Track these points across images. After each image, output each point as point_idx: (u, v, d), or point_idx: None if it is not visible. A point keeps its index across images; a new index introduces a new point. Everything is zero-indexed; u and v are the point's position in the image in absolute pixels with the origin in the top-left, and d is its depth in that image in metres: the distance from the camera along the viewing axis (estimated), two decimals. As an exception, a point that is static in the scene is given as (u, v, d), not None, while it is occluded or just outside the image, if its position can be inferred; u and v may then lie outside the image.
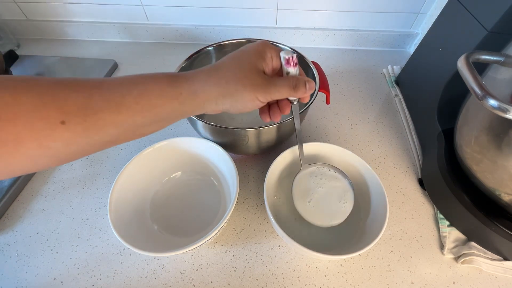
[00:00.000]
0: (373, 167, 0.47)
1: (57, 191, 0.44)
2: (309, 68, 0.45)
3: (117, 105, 0.21)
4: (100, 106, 0.20)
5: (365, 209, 0.39)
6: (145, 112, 0.22)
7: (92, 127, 0.20)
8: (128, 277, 0.36)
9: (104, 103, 0.20)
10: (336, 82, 0.63)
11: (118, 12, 0.69)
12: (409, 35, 0.70)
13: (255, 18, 0.68)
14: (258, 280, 0.36)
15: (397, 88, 0.60)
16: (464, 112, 0.35)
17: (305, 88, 0.27)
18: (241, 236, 0.39)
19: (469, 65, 0.26)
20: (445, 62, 0.45)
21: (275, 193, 0.41)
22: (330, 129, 0.53)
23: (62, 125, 0.19)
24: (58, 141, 0.19)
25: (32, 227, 0.40)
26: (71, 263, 0.37)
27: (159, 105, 0.22)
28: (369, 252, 0.38)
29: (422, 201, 0.43)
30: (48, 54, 0.68)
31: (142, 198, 0.39)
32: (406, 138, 0.52)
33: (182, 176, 0.44)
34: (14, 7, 0.68)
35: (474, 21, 0.39)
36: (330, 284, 0.35)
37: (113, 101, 0.21)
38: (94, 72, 0.62)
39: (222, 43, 0.48)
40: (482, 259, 0.36)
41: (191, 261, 0.37)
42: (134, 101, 0.21)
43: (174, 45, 0.74)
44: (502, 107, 0.23)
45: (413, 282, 0.35)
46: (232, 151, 0.44)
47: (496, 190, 0.32)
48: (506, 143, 0.28)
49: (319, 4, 0.64)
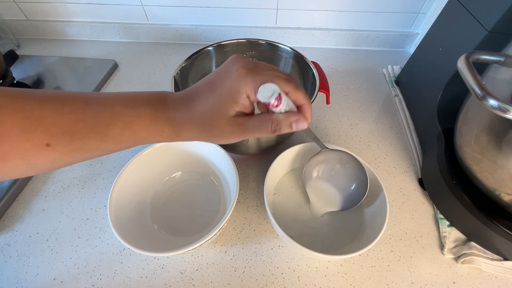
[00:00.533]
0: (373, 167, 0.47)
1: (57, 191, 0.44)
2: (309, 68, 0.45)
3: (101, 134, 0.21)
4: (85, 133, 0.21)
5: (365, 209, 0.39)
6: (130, 141, 0.23)
7: (77, 150, 0.21)
8: (128, 277, 0.36)
9: (88, 131, 0.21)
10: (336, 82, 0.63)
11: (118, 12, 0.69)
12: (409, 35, 0.70)
13: (255, 18, 0.68)
14: (258, 280, 0.36)
15: (397, 88, 0.60)
16: (464, 112, 0.35)
17: (290, 129, 0.22)
18: (241, 236, 0.39)
19: (469, 65, 0.26)
20: (445, 62, 0.45)
21: (275, 192, 0.41)
22: (330, 129, 0.53)
23: (47, 147, 0.20)
24: (44, 160, 0.21)
25: (32, 227, 0.40)
26: (71, 263, 0.37)
27: (143, 137, 0.23)
28: (369, 252, 0.38)
29: (422, 201, 0.43)
30: (48, 54, 0.68)
31: (142, 198, 0.39)
32: (406, 138, 0.52)
33: (182, 176, 0.44)
34: (14, 7, 0.69)
35: (474, 21, 0.39)
36: (330, 284, 0.35)
37: (97, 130, 0.21)
38: (94, 72, 0.62)
39: (222, 43, 0.48)
40: (482, 259, 0.36)
41: (191, 261, 0.37)
42: (119, 132, 0.22)
43: (174, 45, 0.74)
44: (502, 107, 0.23)
45: (413, 282, 0.35)
46: (232, 151, 0.44)
47: (496, 190, 0.32)
48: (506, 143, 0.28)
49: (319, 4, 0.64)
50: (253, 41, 0.50)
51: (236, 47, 0.50)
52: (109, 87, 0.62)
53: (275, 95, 0.21)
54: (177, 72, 0.43)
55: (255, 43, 0.50)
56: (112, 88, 0.62)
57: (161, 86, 0.62)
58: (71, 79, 0.61)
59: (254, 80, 0.21)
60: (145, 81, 0.63)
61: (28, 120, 0.19)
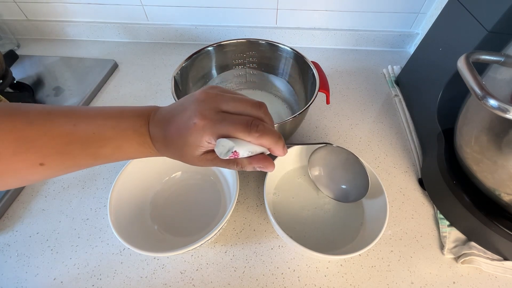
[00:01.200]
0: (373, 167, 0.47)
1: (57, 191, 0.44)
2: (309, 68, 0.45)
3: (93, 155, 0.22)
4: (77, 154, 0.21)
5: (365, 209, 0.39)
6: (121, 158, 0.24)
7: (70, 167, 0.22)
8: (128, 277, 0.36)
9: (80, 151, 0.21)
10: (336, 82, 0.63)
11: (118, 12, 0.69)
12: (409, 35, 0.70)
13: (255, 18, 0.68)
14: (258, 280, 0.35)
15: (397, 88, 0.60)
16: (464, 112, 0.35)
17: (255, 169, 0.23)
18: (241, 236, 0.39)
19: (469, 65, 0.26)
20: (445, 62, 0.45)
21: (275, 192, 0.41)
22: (330, 129, 0.53)
23: (41, 166, 0.20)
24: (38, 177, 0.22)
25: (32, 227, 0.40)
26: (71, 263, 0.37)
27: (133, 156, 0.24)
28: (369, 252, 0.38)
29: (422, 201, 0.43)
30: (48, 54, 0.68)
31: (142, 198, 0.39)
32: (406, 138, 0.52)
33: (182, 176, 0.44)
34: (14, 7, 0.69)
35: (474, 21, 0.39)
36: (330, 284, 0.35)
37: (89, 151, 0.22)
38: (94, 72, 0.62)
39: (222, 43, 0.49)
40: (482, 259, 0.36)
41: (191, 261, 0.37)
42: (110, 153, 0.23)
43: (174, 45, 0.74)
44: (502, 107, 0.23)
45: (413, 282, 0.35)
46: (232, 151, 0.44)
47: (496, 190, 0.32)
48: (506, 143, 0.28)
49: (319, 4, 0.64)
50: (253, 41, 0.50)
51: (236, 47, 0.50)
52: (109, 87, 0.62)
53: (230, 152, 0.20)
54: (177, 72, 0.43)
55: (255, 43, 0.50)
56: (112, 88, 0.62)
57: (161, 86, 0.62)
58: (71, 79, 0.61)
59: (212, 132, 0.20)
60: (145, 81, 0.63)
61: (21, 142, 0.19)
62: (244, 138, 0.21)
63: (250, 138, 0.21)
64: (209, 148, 0.22)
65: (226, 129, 0.20)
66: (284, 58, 0.50)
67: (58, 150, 0.20)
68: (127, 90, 0.61)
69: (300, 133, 0.52)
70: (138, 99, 0.59)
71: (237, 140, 0.21)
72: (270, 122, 0.24)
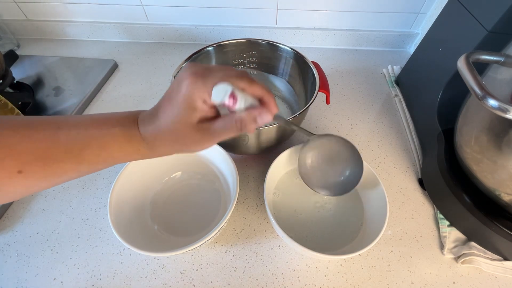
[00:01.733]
0: (373, 167, 0.47)
1: (57, 191, 0.44)
2: (309, 68, 0.45)
3: (77, 157, 0.21)
4: (58, 158, 0.21)
5: (365, 209, 0.39)
6: (106, 163, 0.23)
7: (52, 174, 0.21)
8: (128, 277, 0.36)
9: (63, 154, 0.21)
10: (336, 82, 0.63)
11: (118, 12, 0.69)
12: (409, 35, 0.70)
13: (255, 18, 0.68)
14: (258, 280, 0.35)
15: (397, 88, 0.60)
16: (464, 112, 0.35)
17: (255, 123, 0.22)
18: (241, 236, 0.39)
19: (469, 65, 0.26)
20: (445, 62, 0.45)
21: (275, 192, 0.41)
22: (330, 129, 0.53)
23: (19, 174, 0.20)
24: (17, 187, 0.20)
25: (32, 227, 0.40)
26: (71, 263, 0.37)
27: (120, 157, 0.23)
28: (369, 252, 0.38)
29: (422, 201, 0.43)
30: (48, 54, 0.68)
31: (142, 198, 0.39)
32: (406, 138, 0.52)
33: (182, 176, 0.44)
34: (14, 7, 0.69)
35: (474, 21, 0.39)
36: (330, 284, 0.35)
37: (72, 154, 0.21)
38: (94, 72, 0.62)
39: (222, 43, 0.49)
40: (482, 259, 0.36)
41: (191, 261, 0.37)
42: (95, 154, 0.22)
43: (174, 45, 0.74)
44: (502, 107, 0.23)
45: (413, 282, 0.35)
46: (232, 151, 0.44)
47: (496, 190, 0.32)
48: (506, 143, 0.28)
49: (319, 4, 0.64)
50: (253, 41, 0.50)
51: (236, 47, 0.50)
52: (109, 87, 0.62)
53: (227, 93, 0.20)
54: (177, 72, 0.43)
55: (255, 43, 0.50)
56: (112, 88, 0.62)
57: (161, 86, 0.62)
58: (71, 79, 0.61)
59: (205, 84, 0.20)
60: (145, 81, 0.63)
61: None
62: (237, 82, 0.21)
63: (243, 83, 0.21)
64: (204, 113, 0.22)
65: (218, 78, 0.21)
66: (284, 58, 0.50)
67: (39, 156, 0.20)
68: (127, 90, 0.61)
69: (300, 133, 0.52)
70: (138, 99, 0.59)
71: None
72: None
